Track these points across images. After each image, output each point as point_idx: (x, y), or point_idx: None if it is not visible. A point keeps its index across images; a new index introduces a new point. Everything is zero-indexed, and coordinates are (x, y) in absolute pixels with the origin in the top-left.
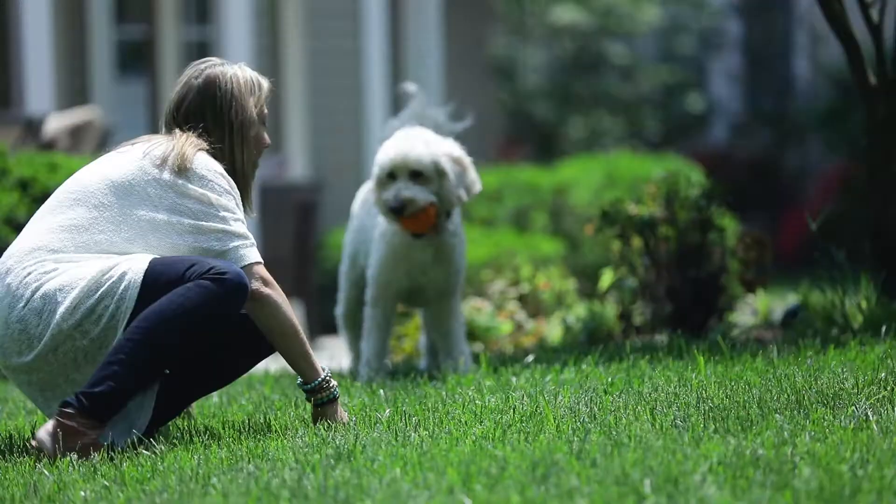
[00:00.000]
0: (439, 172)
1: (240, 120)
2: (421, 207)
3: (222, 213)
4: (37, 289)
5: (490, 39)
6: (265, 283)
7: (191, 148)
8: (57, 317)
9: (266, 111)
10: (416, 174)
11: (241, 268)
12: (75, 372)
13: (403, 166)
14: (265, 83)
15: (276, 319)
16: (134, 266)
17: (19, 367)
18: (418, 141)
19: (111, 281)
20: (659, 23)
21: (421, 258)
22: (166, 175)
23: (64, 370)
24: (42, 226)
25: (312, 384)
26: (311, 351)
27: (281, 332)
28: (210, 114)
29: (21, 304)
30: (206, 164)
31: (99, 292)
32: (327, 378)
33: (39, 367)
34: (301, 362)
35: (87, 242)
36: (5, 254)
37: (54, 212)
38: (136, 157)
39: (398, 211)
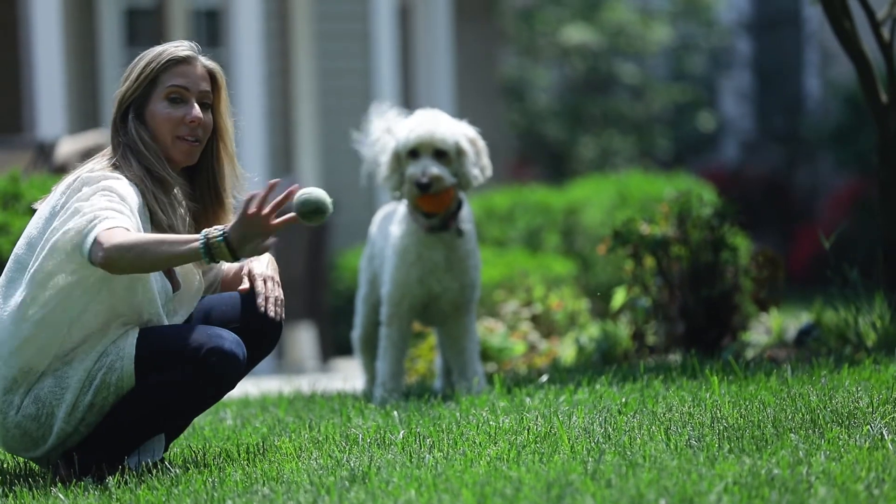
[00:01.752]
0: (459, 152)
1: (124, 93)
2: (445, 186)
3: (85, 217)
4: (25, 393)
5: (501, 60)
6: (98, 248)
7: (79, 176)
8: (58, 420)
9: (174, 84)
10: (440, 153)
11: (89, 244)
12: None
13: (429, 144)
14: (169, 55)
15: (132, 265)
16: (122, 351)
17: (40, 455)
18: (441, 120)
19: (102, 372)
20: (669, 42)
21: (433, 259)
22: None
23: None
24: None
25: (203, 254)
26: (174, 242)
27: (143, 267)
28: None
29: (13, 412)
30: (92, 180)
31: (93, 386)
32: (204, 242)
33: (55, 451)
34: (183, 259)
35: (49, 322)
36: None
37: (5, 294)
38: (48, 212)
39: (425, 187)
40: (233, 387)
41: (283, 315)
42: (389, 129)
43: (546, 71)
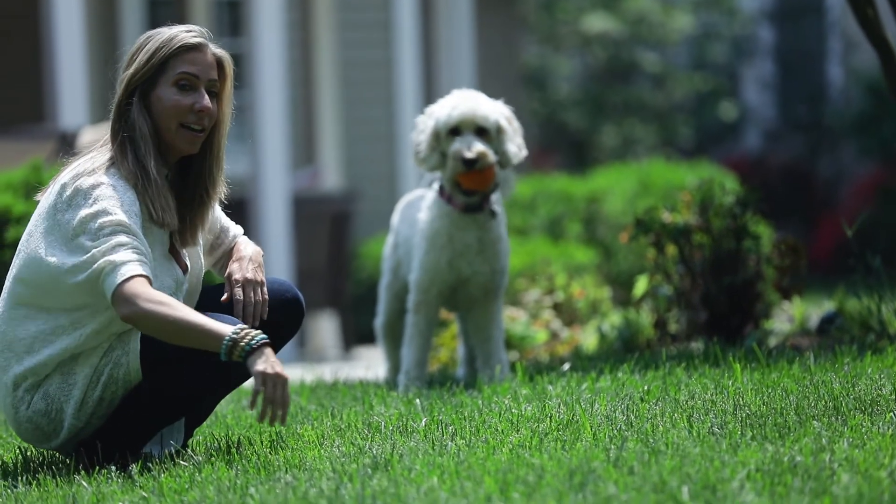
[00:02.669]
0: (499, 130)
1: (119, 82)
2: (489, 163)
3: (95, 252)
4: (35, 389)
5: (522, 48)
6: (121, 302)
7: (75, 184)
8: (68, 416)
9: (184, 70)
10: (481, 130)
11: (111, 301)
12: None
13: (471, 121)
14: (180, 41)
15: (146, 326)
16: (128, 346)
17: (54, 447)
18: (481, 98)
19: (109, 367)
20: (691, 31)
21: (465, 241)
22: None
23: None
24: (4, 307)
25: (221, 354)
26: (202, 326)
27: (166, 336)
28: (115, 80)
29: (24, 407)
30: (88, 195)
31: (101, 382)
32: (231, 341)
33: (73, 439)
34: (202, 343)
35: (53, 318)
36: None
37: (12, 289)
38: (44, 211)
39: (471, 163)
40: (243, 378)
41: (265, 316)
42: (426, 111)
43: (567, 60)
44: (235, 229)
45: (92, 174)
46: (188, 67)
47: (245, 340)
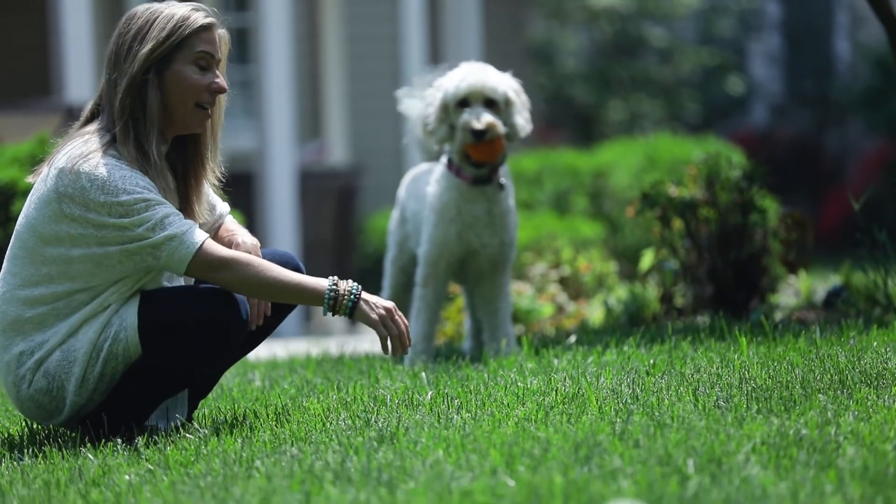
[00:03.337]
0: (507, 102)
1: (132, 56)
2: (498, 134)
3: (139, 230)
4: (36, 367)
5: (529, 23)
6: (212, 266)
7: (74, 167)
8: (70, 393)
9: (202, 49)
10: (490, 102)
11: (186, 267)
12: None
13: (480, 93)
14: (198, 20)
15: (248, 289)
16: (125, 322)
17: (58, 424)
18: (490, 70)
19: (108, 343)
20: (698, 5)
21: (473, 214)
22: (75, 211)
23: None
24: (5, 291)
25: (325, 307)
26: (301, 282)
27: (259, 294)
28: (113, 53)
29: (26, 386)
30: (95, 178)
31: (101, 358)
32: (332, 290)
33: (76, 415)
34: (301, 300)
35: (56, 297)
36: None
37: (11, 270)
38: (45, 196)
39: (480, 134)
40: (243, 351)
41: (269, 313)
42: (434, 83)
43: (574, 34)
44: (222, 206)
45: (93, 156)
46: (206, 47)
47: (345, 297)
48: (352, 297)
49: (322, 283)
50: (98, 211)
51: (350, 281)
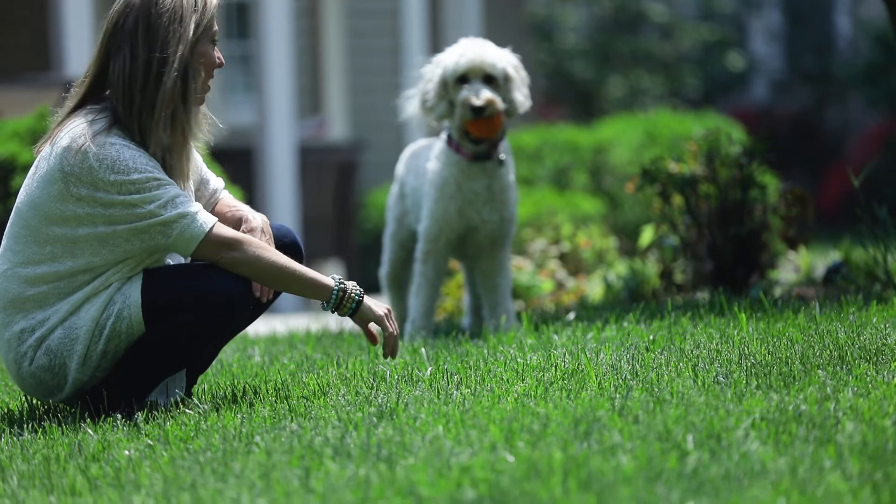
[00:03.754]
0: (506, 78)
1: (177, 38)
2: (497, 110)
3: (150, 207)
4: (38, 345)
5: None
6: (225, 245)
7: (80, 147)
8: (72, 371)
9: (216, 28)
10: (489, 78)
11: (196, 246)
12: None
13: (479, 69)
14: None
15: (257, 272)
16: (129, 299)
17: (60, 401)
18: (488, 46)
19: (111, 321)
20: None
21: (474, 189)
22: (83, 190)
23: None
24: (6, 269)
25: (331, 303)
26: (310, 275)
27: (267, 279)
28: (143, 34)
29: (27, 363)
30: (103, 158)
31: (104, 335)
32: (341, 288)
33: (78, 393)
34: (306, 292)
35: (59, 276)
36: None
37: (13, 247)
38: (49, 175)
39: (480, 110)
40: (242, 325)
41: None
42: (434, 60)
43: (574, 10)
44: (216, 182)
45: (99, 136)
46: (216, 25)
47: (351, 295)
48: (357, 297)
49: (329, 280)
50: (107, 190)
51: (355, 284)
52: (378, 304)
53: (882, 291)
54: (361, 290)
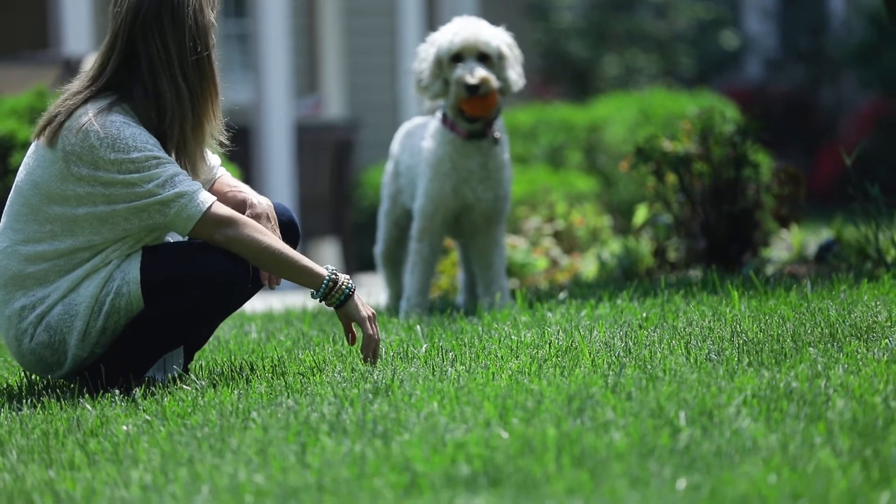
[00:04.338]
0: (500, 56)
1: (200, 22)
2: (492, 88)
3: (148, 186)
4: (38, 321)
5: None
6: (222, 224)
7: (82, 126)
8: (71, 347)
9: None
10: (483, 56)
11: (193, 226)
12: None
13: (473, 47)
14: None
15: (251, 254)
16: (128, 276)
17: (60, 377)
18: (482, 25)
19: (111, 298)
20: None
21: (468, 168)
22: (83, 170)
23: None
24: (6, 247)
25: (320, 292)
26: (304, 262)
27: (262, 262)
28: (168, 18)
29: (27, 340)
30: (104, 136)
31: (103, 311)
32: (332, 279)
33: (77, 368)
34: (298, 277)
35: (59, 254)
36: None
37: (13, 226)
38: (51, 155)
39: (474, 88)
40: (240, 303)
41: (279, 281)
42: (428, 38)
43: None
44: (213, 159)
45: (100, 115)
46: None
47: (340, 287)
48: (347, 290)
49: (322, 269)
50: (108, 169)
51: (347, 277)
52: (365, 306)
53: (873, 269)
54: (353, 285)
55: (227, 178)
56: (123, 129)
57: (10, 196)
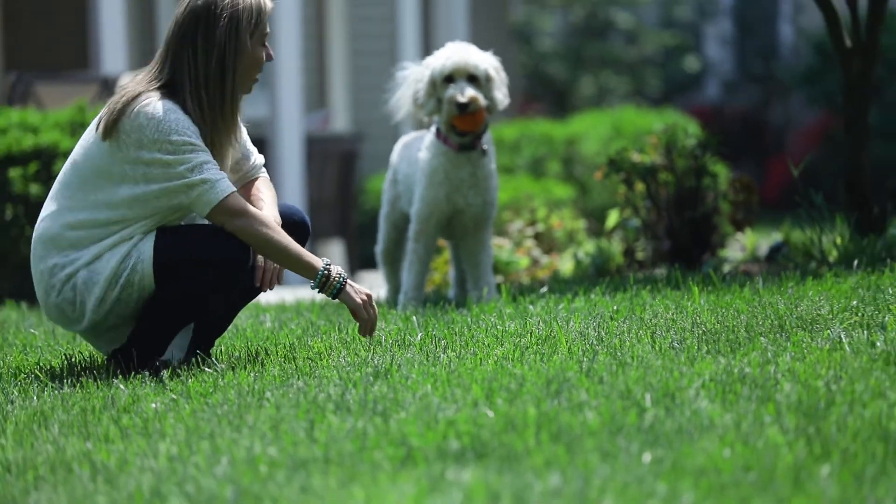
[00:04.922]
0: (488, 78)
1: (233, 43)
2: (479, 106)
3: (180, 168)
4: (66, 280)
5: (511, 6)
6: (235, 214)
7: (135, 108)
8: (88, 310)
9: (268, 30)
10: (472, 78)
11: (210, 210)
12: (125, 326)
13: (463, 70)
14: (266, 4)
15: (258, 244)
16: (143, 255)
17: (77, 332)
18: (472, 49)
19: (126, 272)
20: None
21: (459, 177)
22: (130, 150)
23: (115, 325)
24: (54, 211)
25: (315, 282)
26: (303, 256)
27: (267, 252)
28: (202, 36)
29: (55, 294)
30: (152, 116)
31: (119, 284)
32: (326, 272)
33: (93, 328)
34: (296, 269)
35: (96, 224)
36: (39, 229)
37: (63, 192)
38: (96, 136)
39: (464, 107)
40: (241, 283)
41: (281, 281)
42: (423, 62)
43: (550, 17)
44: (258, 157)
45: (151, 99)
46: (268, 28)
47: (334, 279)
48: (340, 280)
49: (319, 261)
50: (149, 148)
51: (340, 267)
52: (358, 292)
53: (817, 268)
54: (345, 277)
55: (263, 184)
56: (169, 115)
57: (64, 166)
